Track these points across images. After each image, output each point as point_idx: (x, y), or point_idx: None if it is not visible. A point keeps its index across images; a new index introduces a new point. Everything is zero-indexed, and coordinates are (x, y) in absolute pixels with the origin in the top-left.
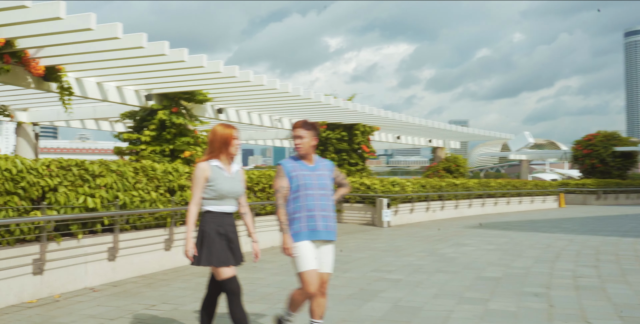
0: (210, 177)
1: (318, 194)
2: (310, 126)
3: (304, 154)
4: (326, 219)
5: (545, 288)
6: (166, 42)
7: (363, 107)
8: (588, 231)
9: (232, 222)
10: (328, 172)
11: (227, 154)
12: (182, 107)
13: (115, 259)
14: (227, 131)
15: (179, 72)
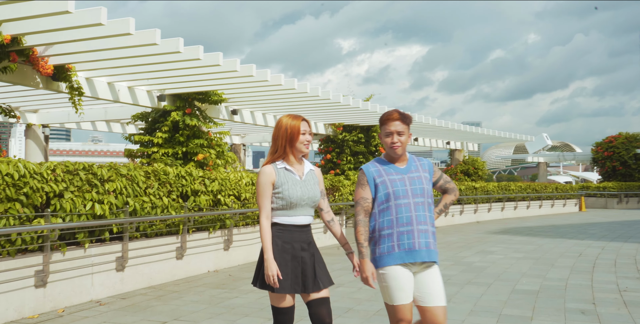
0: (277, 183)
1: (414, 203)
2: (408, 119)
3: (400, 155)
4: (426, 234)
5: (590, 303)
6: (181, 39)
7: (382, 107)
8: (618, 238)
9: (306, 238)
10: (426, 173)
11: (295, 151)
12: (196, 108)
13: (124, 270)
14: (293, 122)
15: (193, 71)
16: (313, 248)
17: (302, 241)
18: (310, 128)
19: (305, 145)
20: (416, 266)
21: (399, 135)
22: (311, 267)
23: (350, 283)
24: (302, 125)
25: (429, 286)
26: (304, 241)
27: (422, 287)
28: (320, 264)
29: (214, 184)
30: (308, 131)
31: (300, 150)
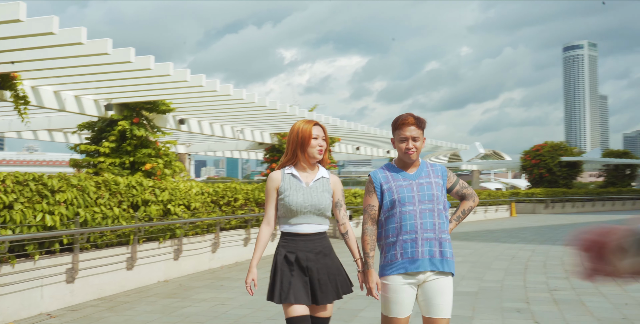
0: (281, 189)
1: (420, 209)
2: (424, 123)
3: (415, 158)
4: (431, 243)
5: (524, 302)
6: (132, 49)
7: (327, 117)
8: (546, 241)
9: (313, 248)
10: (438, 179)
11: (307, 157)
12: (144, 118)
13: (74, 281)
14: (305, 126)
15: (142, 81)
16: (325, 258)
17: (308, 251)
18: (325, 133)
19: (318, 150)
20: (422, 275)
21: (414, 141)
22: (321, 277)
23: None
24: (315, 129)
25: (434, 297)
26: (310, 251)
27: (428, 297)
28: (329, 277)
29: (164, 194)
30: (321, 136)
31: (312, 155)
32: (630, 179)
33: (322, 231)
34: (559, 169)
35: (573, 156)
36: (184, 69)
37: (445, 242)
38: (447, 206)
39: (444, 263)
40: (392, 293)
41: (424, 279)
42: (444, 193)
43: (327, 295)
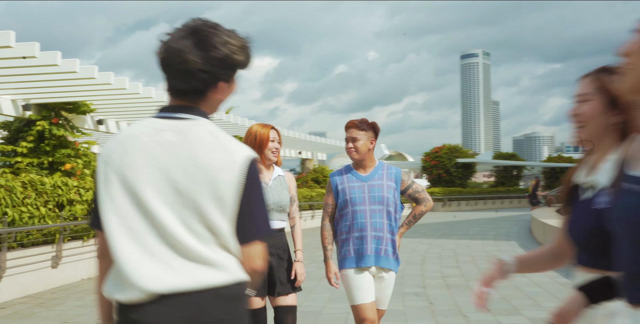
0: None
1: (369, 210)
2: (366, 125)
3: (358, 160)
4: (378, 241)
5: (422, 288)
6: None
7: (243, 120)
8: (443, 236)
9: (274, 243)
10: (390, 182)
11: (264, 159)
12: (63, 118)
13: (1, 280)
14: (262, 130)
15: (64, 83)
16: (285, 253)
17: (271, 246)
18: (280, 137)
19: (273, 152)
20: (376, 270)
21: (353, 141)
22: (278, 271)
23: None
24: (272, 133)
25: (377, 291)
26: (272, 246)
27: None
28: (288, 270)
29: (88, 194)
30: (277, 139)
31: (268, 157)
32: (517, 179)
33: (281, 227)
34: (455, 170)
35: (468, 157)
36: (91, 66)
37: (391, 242)
38: (398, 208)
39: (387, 261)
40: (351, 280)
41: (374, 273)
42: (396, 196)
43: (285, 286)
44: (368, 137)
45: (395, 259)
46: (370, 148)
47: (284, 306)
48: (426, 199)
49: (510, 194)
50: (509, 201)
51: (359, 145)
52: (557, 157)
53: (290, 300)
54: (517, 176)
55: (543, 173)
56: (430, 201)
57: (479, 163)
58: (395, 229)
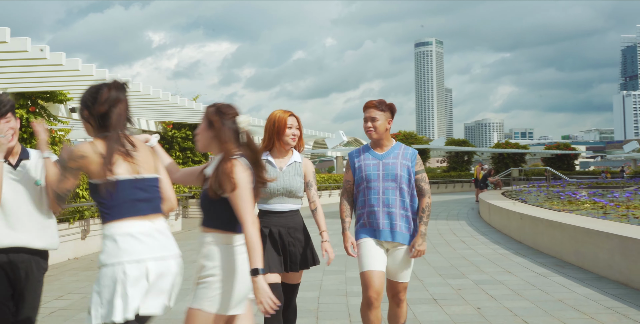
0: None
1: (383, 187)
2: (385, 106)
3: (376, 139)
4: (392, 217)
5: None
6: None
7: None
8: None
9: (285, 223)
10: (404, 161)
11: (282, 144)
12: (39, 107)
13: None
14: (281, 116)
15: (40, 72)
16: (296, 233)
17: (281, 226)
18: (300, 123)
19: (292, 138)
20: (386, 243)
21: (372, 121)
22: (293, 247)
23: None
24: (290, 119)
25: (394, 263)
26: (282, 226)
27: (390, 264)
28: (297, 248)
29: None
30: (295, 126)
31: (286, 143)
32: (468, 164)
33: (293, 209)
34: None
35: (422, 144)
36: (75, 59)
37: (404, 218)
38: (413, 187)
39: (402, 236)
40: (363, 248)
41: (388, 247)
42: (411, 174)
43: (295, 265)
44: (386, 118)
45: (410, 234)
46: (387, 128)
47: (291, 285)
48: (429, 191)
49: (461, 179)
50: (460, 185)
51: (378, 125)
52: (505, 143)
53: (296, 279)
54: (468, 161)
55: (492, 158)
56: (430, 193)
57: (432, 149)
58: (410, 205)
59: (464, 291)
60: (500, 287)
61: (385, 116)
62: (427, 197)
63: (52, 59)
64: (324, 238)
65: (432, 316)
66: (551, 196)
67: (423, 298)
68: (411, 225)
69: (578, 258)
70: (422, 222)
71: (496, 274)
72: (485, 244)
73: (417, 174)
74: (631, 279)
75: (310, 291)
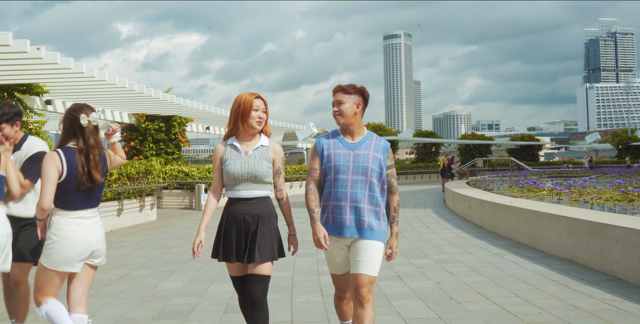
0: (224, 159)
1: (352, 180)
2: (352, 89)
3: (344, 125)
4: (360, 212)
5: None
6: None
7: (179, 99)
8: None
9: (251, 210)
10: (377, 154)
11: (247, 128)
12: (16, 99)
13: None
14: (247, 98)
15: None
16: (263, 221)
17: (246, 213)
18: (266, 106)
19: (257, 121)
20: (349, 240)
21: (338, 104)
22: (252, 239)
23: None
24: (256, 101)
25: (358, 254)
26: (247, 213)
27: (353, 255)
28: (265, 237)
29: None
30: (261, 108)
31: (251, 126)
32: (436, 155)
33: (260, 195)
34: None
35: (391, 135)
36: (54, 52)
37: (373, 213)
38: (384, 181)
39: (372, 232)
40: (327, 252)
41: (351, 242)
42: (383, 167)
43: (264, 255)
44: (354, 101)
45: (380, 229)
46: (356, 112)
47: (257, 275)
48: (397, 188)
49: (429, 170)
50: (428, 175)
51: (344, 108)
52: (471, 134)
53: (265, 269)
54: (436, 153)
55: (458, 150)
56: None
57: (401, 141)
58: (379, 200)
59: (426, 269)
60: (459, 265)
61: (354, 99)
62: (397, 195)
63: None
64: (290, 232)
65: (395, 289)
66: (512, 184)
67: (388, 275)
68: (381, 221)
69: (531, 239)
70: (395, 223)
71: (456, 255)
72: (449, 229)
73: (387, 168)
74: (576, 256)
75: (284, 271)
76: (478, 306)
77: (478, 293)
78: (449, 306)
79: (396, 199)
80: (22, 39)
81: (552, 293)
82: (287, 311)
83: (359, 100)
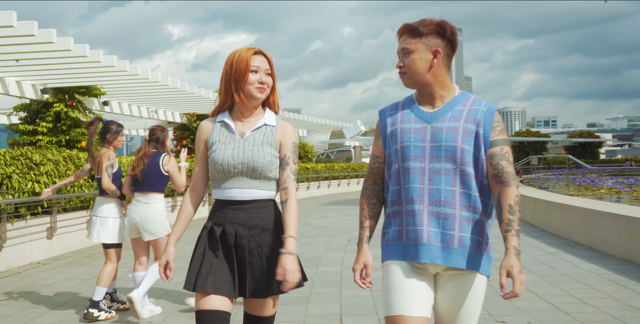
0: (210, 142)
1: (429, 169)
2: (425, 27)
3: (415, 85)
4: (445, 222)
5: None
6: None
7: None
8: None
9: (244, 220)
10: (470, 124)
11: (245, 98)
12: (76, 100)
13: (52, 238)
14: (242, 55)
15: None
16: (264, 235)
17: (239, 224)
18: (271, 66)
19: (258, 88)
20: (434, 267)
21: (404, 55)
22: (248, 262)
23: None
24: (254, 59)
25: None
26: (240, 224)
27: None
28: (268, 260)
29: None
30: (264, 69)
31: (250, 95)
32: None
33: (260, 197)
34: None
35: None
36: (111, 56)
37: (469, 224)
38: (484, 170)
39: (464, 256)
40: (392, 276)
41: (437, 271)
42: (481, 147)
43: (261, 286)
44: (429, 47)
45: (482, 253)
46: (432, 64)
47: (254, 316)
48: (512, 174)
49: None
50: None
51: (412, 61)
52: (525, 131)
53: (267, 310)
54: None
55: (512, 147)
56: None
57: None
58: (479, 202)
59: None
60: None
61: (428, 43)
62: (514, 187)
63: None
64: (287, 248)
65: None
66: (569, 183)
67: None
68: (482, 237)
69: (587, 238)
70: (512, 232)
71: None
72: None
73: (493, 145)
74: (635, 256)
75: (333, 266)
76: (529, 303)
77: (530, 291)
78: (498, 302)
79: (513, 193)
80: (81, 43)
81: (607, 293)
82: (336, 304)
83: (438, 44)
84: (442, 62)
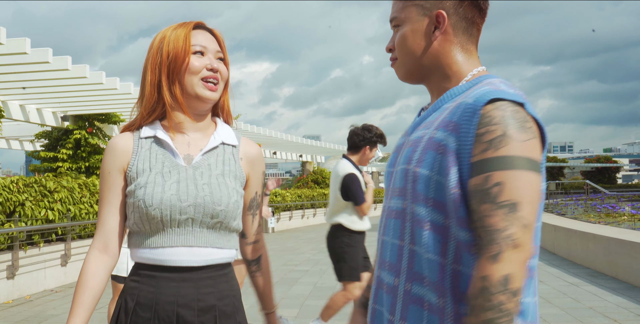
0: (132, 171)
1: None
2: None
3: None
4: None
5: None
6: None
7: (246, 126)
8: None
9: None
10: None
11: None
12: (96, 128)
13: (67, 265)
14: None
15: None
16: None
17: (181, 305)
18: (223, 47)
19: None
20: None
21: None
22: None
23: None
24: (195, 36)
25: None
26: (184, 305)
27: None
28: None
29: None
30: (213, 50)
31: (195, 93)
32: None
33: (217, 261)
34: None
35: None
36: (128, 83)
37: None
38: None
39: None
40: None
41: None
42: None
43: None
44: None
45: None
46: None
47: None
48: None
49: None
50: None
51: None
52: None
53: None
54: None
55: None
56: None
57: None
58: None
59: None
60: None
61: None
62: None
63: (107, 84)
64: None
65: None
66: (588, 209)
67: None
68: None
69: (612, 268)
70: None
71: None
72: None
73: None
74: None
75: None
76: None
77: None
78: None
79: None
80: (99, 71)
81: None
82: None
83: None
84: (452, 32)
